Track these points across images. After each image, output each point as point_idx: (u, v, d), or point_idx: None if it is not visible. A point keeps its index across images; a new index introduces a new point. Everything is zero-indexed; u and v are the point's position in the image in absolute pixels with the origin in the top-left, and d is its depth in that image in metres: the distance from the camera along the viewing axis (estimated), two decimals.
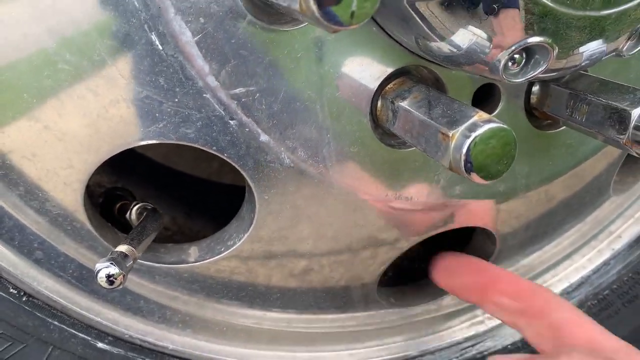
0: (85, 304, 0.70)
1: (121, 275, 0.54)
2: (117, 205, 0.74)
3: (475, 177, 0.49)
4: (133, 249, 0.58)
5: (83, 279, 0.69)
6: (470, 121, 0.48)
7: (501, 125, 0.48)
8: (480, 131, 0.48)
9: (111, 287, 0.55)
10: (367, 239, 0.69)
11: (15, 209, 0.62)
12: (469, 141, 0.47)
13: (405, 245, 0.73)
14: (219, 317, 0.77)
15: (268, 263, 0.70)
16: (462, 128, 0.48)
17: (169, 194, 0.88)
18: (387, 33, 0.57)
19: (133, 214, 0.69)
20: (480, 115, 0.49)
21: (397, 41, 0.58)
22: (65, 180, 0.60)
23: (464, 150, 0.48)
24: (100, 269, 0.54)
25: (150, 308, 0.73)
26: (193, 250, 0.71)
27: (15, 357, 0.65)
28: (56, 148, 0.58)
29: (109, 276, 0.54)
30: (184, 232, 0.86)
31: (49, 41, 0.51)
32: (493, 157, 0.49)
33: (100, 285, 0.55)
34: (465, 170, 0.48)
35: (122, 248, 0.57)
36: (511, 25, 0.50)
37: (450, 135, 0.49)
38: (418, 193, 0.66)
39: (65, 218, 0.64)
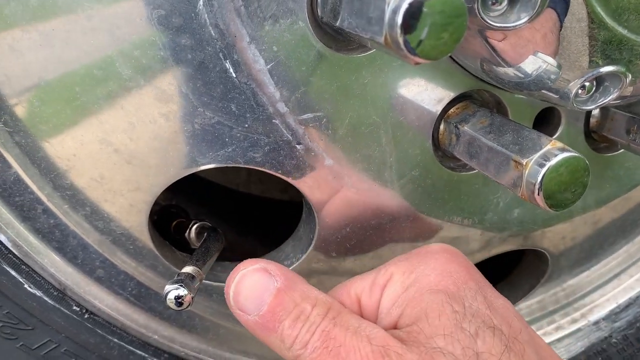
0: (143, 322, 0.71)
1: (189, 297, 0.55)
2: (174, 223, 0.75)
3: (546, 205, 0.49)
4: (199, 269, 0.58)
5: (141, 297, 0.70)
6: (545, 149, 0.49)
7: (575, 154, 0.48)
8: (555, 160, 0.48)
9: (179, 308, 0.56)
10: None
11: (80, 229, 0.63)
12: (543, 170, 0.48)
13: None
14: None
15: (324, 284, 0.71)
16: (536, 156, 0.49)
17: (219, 211, 0.89)
18: (450, 57, 0.58)
19: (192, 232, 0.70)
20: (554, 143, 0.49)
21: (460, 65, 0.58)
22: (132, 202, 0.61)
23: (539, 178, 0.48)
24: (170, 291, 0.55)
25: (205, 326, 0.74)
26: None
27: None
28: (124, 171, 0.59)
29: (177, 297, 0.55)
30: (234, 250, 0.87)
31: (125, 69, 0.52)
32: (565, 185, 0.49)
33: (169, 307, 0.56)
34: (538, 198, 0.48)
35: (189, 269, 0.58)
36: (583, 53, 0.50)
37: (524, 163, 0.49)
38: (475, 215, 0.66)
39: (128, 238, 0.65)
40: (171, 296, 0.55)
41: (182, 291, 0.55)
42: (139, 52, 0.52)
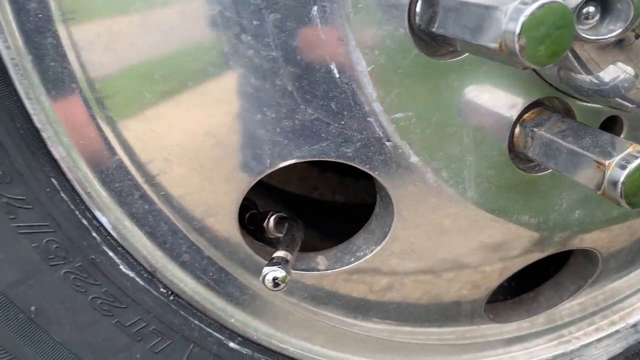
0: (221, 306, 0.75)
1: (286, 278, 0.60)
2: (247, 215, 0.79)
3: (625, 203, 0.53)
4: (290, 254, 0.63)
5: (220, 282, 0.74)
6: (626, 152, 0.53)
7: None
8: (636, 162, 0.52)
9: (276, 289, 0.60)
10: (489, 256, 0.73)
11: (173, 215, 0.68)
12: (625, 171, 0.52)
13: (520, 264, 0.77)
14: (333, 324, 0.82)
15: (392, 276, 0.75)
16: (618, 158, 0.53)
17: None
18: None
19: (271, 222, 0.75)
20: (634, 146, 0.53)
21: (536, 72, 0.63)
22: (225, 191, 0.66)
23: (621, 179, 0.52)
24: (268, 273, 0.60)
25: (275, 312, 0.79)
26: (321, 259, 0.76)
27: (165, 351, 0.70)
28: (223, 161, 0.63)
29: (275, 279, 0.60)
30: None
31: (238, 67, 0.57)
32: None
33: (266, 287, 0.60)
34: (619, 197, 0.53)
35: (281, 254, 0.62)
36: None
37: (607, 164, 0.53)
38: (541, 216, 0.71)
39: (217, 225, 0.69)
40: (269, 277, 0.60)
41: (280, 272, 0.60)
42: (252, 51, 0.56)
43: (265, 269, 0.60)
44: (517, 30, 0.43)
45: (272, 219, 0.75)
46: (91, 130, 0.62)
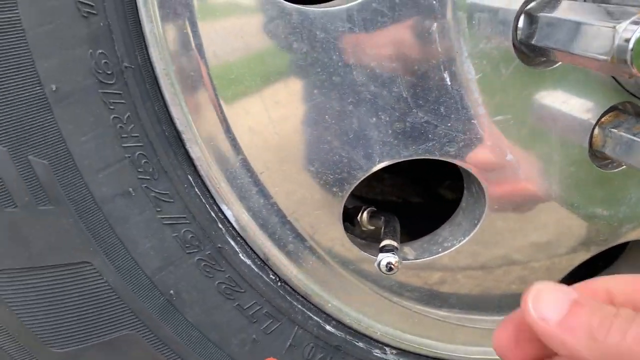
0: (319, 292, 0.83)
1: (399, 263, 0.67)
2: None
3: None
4: (396, 244, 0.70)
5: (318, 270, 0.82)
6: None
7: None
8: None
9: (389, 273, 0.68)
10: (564, 247, 0.81)
11: (285, 208, 0.76)
12: None
13: (587, 254, 0.85)
14: (414, 310, 0.90)
15: (472, 266, 0.83)
16: None
17: None
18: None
19: (364, 216, 0.82)
20: None
21: (616, 80, 0.71)
22: (335, 186, 0.73)
23: None
24: (382, 258, 0.67)
25: (364, 299, 0.86)
26: (408, 250, 0.84)
27: (275, 332, 0.78)
28: (337, 157, 0.71)
29: (389, 264, 0.67)
30: None
31: (361, 76, 0.65)
32: None
33: (380, 271, 0.68)
34: None
35: (390, 242, 0.70)
36: None
37: None
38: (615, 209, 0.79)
39: (323, 217, 0.77)
40: (384, 262, 0.68)
41: (394, 258, 0.67)
42: (374, 63, 0.64)
43: (381, 255, 0.68)
44: (630, 46, 0.51)
45: (365, 212, 0.83)
46: (219, 132, 0.70)
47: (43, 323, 0.64)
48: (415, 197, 1.37)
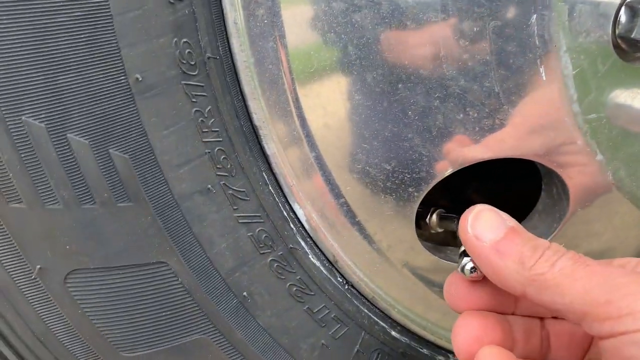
0: (385, 297, 0.79)
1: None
2: None
3: None
4: None
5: (385, 274, 0.79)
6: None
7: None
8: None
9: (473, 277, 0.64)
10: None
11: (357, 208, 0.72)
12: None
13: None
14: None
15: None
16: None
17: None
18: None
19: (434, 218, 0.79)
20: None
21: None
22: (411, 186, 0.70)
23: None
24: (467, 262, 0.64)
25: (430, 305, 0.83)
26: None
27: (343, 337, 0.75)
28: (413, 158, 0.68)
29: (472, 268, 0.64)
30: None
31: (451, 70, 0.62)
32: None
33: (464, 275, 0.64)
34: None
35: None
36: None
37: None
38: None
39: (395, 218, 0.74)
40: (468, 266, 0.64)
41: None
42: (467, 55, 0.61)
43: (464, 259, 0.64)
44: None
45: (435, 214, 0.79)
46: (295, 128, 0.67)
47: (115, 325, 0.61)
48: (443, 200, 1.33)
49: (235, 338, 0.66)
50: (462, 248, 0.67)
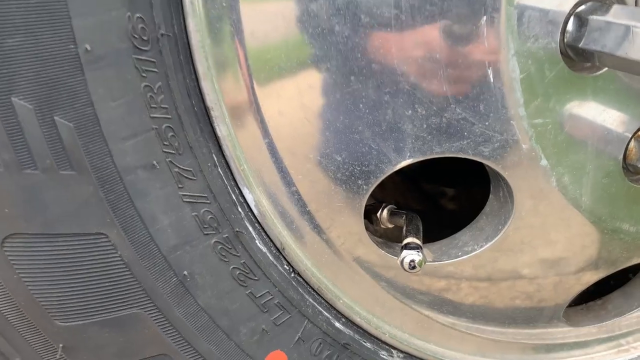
0: (332, 287, 0.80)
1: (422, 262, 0.65)
2: None
3: None
4: (419, 242, 0.68)
5: (333, 265, 0.79)
6: None
7: None
8: None
9: (412, 271, 0.66)
10: (587, 261, 0.79)
11: (308, 198, 0.73)
12: None
13: (608, 271, 0.83)
14: (424, 315, 0.88)
15: (491, 274, 0.81)
16: None
17: None
18: None
19: (384, 213, 0.80)
20: None
21: None
22: (359, 180, 0.71)
23: None
24: (406, 256, 0.65)
25: (376, 299, 0.84)
26: (426, 252, 0.81)
27: (284, 324, 0.75)
28: (364, 152, 0.69)
29: (412, 261, 0.65)
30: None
31: (402, 65, 0.63)
32: None
33: (403, 269, 0.66)
34: None
35: (413, 240, 0.68)
36: None
37: None
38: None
39: (344, 210, 0.75)
40: (407, 260, 0.65)
41: (418, 256, 0.65)
42: (418, 52, 0.62)
43: (405, 252, 0.65)
44: None
45: (385, 210, 0.81)
46: (249, 112, 0.67)
47: (50, 293, 0.61)
48: (417, 204, 1.35)
49: (173, 315, 0.67)
50: (405, 241, 0.68)
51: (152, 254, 0.63)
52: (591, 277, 0.83)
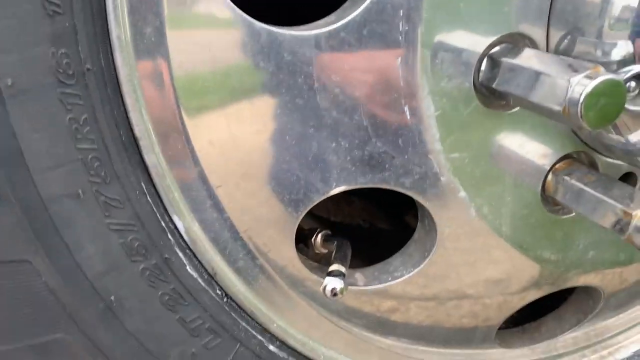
0: (265, 311, 0.82)
1: (344, 290, 0.67)
2: None
3: None
4: (344, 269, 0.71)
5: (267, 290, 0.81)
6: None
7: None
8: None
9: (333, 298, 0.68)
10: (512, 286, 0.82)
11: (239, 224, 0.75)
12: None
13: (537, 294, 0.86)
14: (361, 337, 0.90)
15: (422, 298, 0.83)
16: None
17: None
18: None
19: (318, 239, 0.83)
20: None
21: (573, 130, 0.73)
22: (288, 208, 0.74)
23: None
24: (328, 283, 0.68)
25: (311, 322, 0.86)
26: (359, 276, 0.84)
27: (215, 348, 0.77)
28: (292, 181, 0.71)
29: (333, 289, 0.68)
30: None
31: (324, 101, 0.66)
32: None
33: (325, 296, 0.68)
34: None
35: (339, 267, 0.70)
36: None
37: (633, 214, 0.63)
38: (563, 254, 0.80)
39: (276, 238, 0.77)
40: (329, 287, 0.68)
41: (339, 284, 0.67)
42: (338, 89, 0.65)
43: (327, 279, 0.68)
44: (581, 100, 0.53)
45: (319, 235, 0.83)
46: (178, 142, 0.69)
47: None
48: (383, 223, 1.37)
49: (99, 340, 0.68)
50: (330, 268, 0.71)
51: (78, 280, 0.65)
52: (518, 302, 0.86)
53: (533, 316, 1.06)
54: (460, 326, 0.89)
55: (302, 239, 0.86)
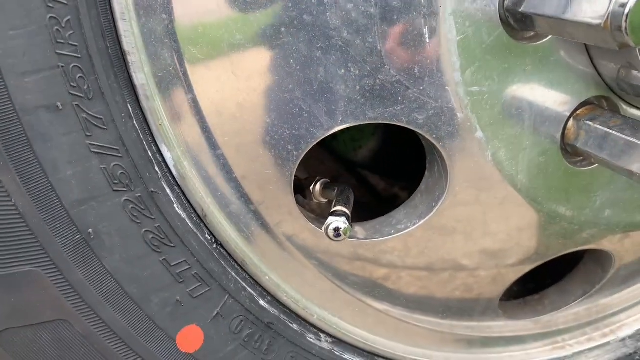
0: (257, 262, 0.76)
1: (348, 230, 0.61)
2: None
3: None
4: (348, 211, 0.64)
5: (260, 239, 0.75)
6: None
7: None
8: None
9: (337, 239, 0.62)
10: (522, 245, 0.77)
11: (235, 162, 0.69)
12: None
13: (544, 258, 0.81)
14: (356, 299, 0.84)
15: (426, 254, 0.78)
16: None
17: None
18: (592, 63, 0.67)
19: (317, 187, 0.76)
20: None
21: (597, 71, 0.68)
22: (289, 145, 0.67)
23: None
24: (332, 222, 0.61)
25: (305, 279, 0.79)
26: (359, 229, 0.78)
27: (202, 298, 0.70)
28: (294, 114, 0.65)
29: (337, 229, 0.61)
30: None
31: (334, 19, 0.59)
32: None
33: (327, 236, 0.62)
34: None
35: (342, 208, 0.64)
36: None
37: None
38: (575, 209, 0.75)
39: (272, 179, 0.70)
40: (332, 227, 0.61)
41: (343, 224, 0.61)
42: (351, 5, 0.59)
43: (330, 219, 0.61)
44: (627, 11, 0.47)
45: (318, 183, 0.77)
46: (172, 63, 0.63)
47: None
48: (367, 197, 1.32)
49: (74, 277, 0.61)
50: (333, 209, 0.65)
51: (51, 205, 0.58)
52: (526, 264, 0.81)
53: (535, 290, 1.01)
54: (462, 292, 0.83)
55: (300, 191, 0.80)
